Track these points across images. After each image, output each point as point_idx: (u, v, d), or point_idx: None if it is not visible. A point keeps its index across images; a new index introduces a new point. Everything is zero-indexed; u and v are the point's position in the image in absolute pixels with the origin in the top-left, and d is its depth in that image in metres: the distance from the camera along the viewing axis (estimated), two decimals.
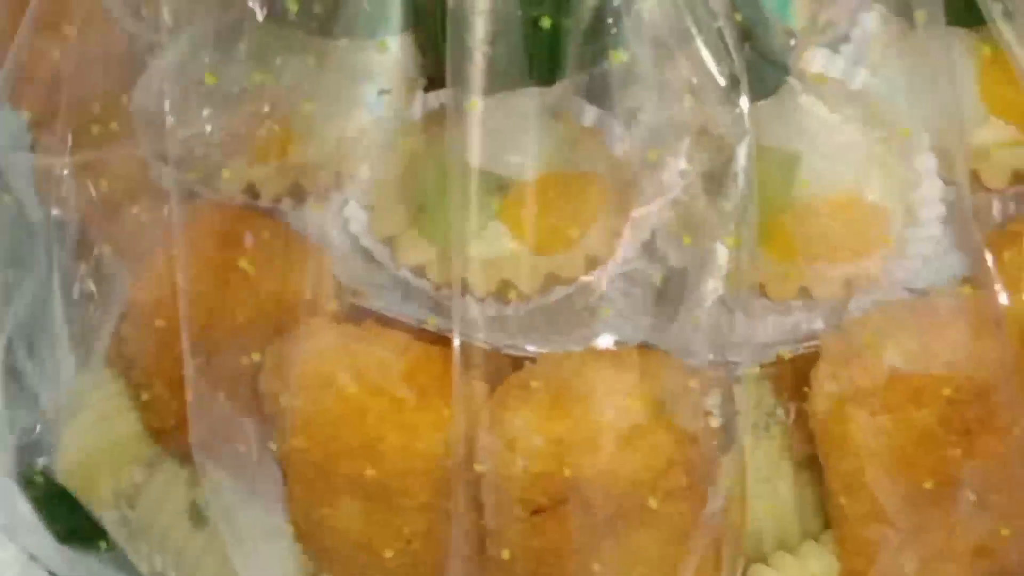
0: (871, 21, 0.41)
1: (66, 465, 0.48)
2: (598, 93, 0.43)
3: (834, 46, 0.42)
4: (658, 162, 0.42)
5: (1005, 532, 0.43)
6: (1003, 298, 0.41)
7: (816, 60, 0.41)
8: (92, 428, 0.49)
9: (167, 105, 0.44)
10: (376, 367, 0.43)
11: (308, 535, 0.45)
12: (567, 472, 0.41)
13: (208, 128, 0.45)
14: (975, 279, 0.41)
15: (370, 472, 0.43)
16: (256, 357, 0.43)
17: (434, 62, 0.42)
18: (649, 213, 0.43)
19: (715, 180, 0.41)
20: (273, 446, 0.44)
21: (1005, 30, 0.40)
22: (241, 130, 0.44)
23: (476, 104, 0.42)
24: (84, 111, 0.45)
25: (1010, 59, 0.41)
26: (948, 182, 0.42)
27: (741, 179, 0.40)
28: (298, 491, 0.44)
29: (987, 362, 0.40)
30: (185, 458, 0.49)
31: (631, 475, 0.41)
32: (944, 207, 0.42)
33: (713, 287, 0.41)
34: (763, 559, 0.46)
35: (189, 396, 0.43)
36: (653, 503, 0.42)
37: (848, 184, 0.42)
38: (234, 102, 0.44)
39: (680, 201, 0.42)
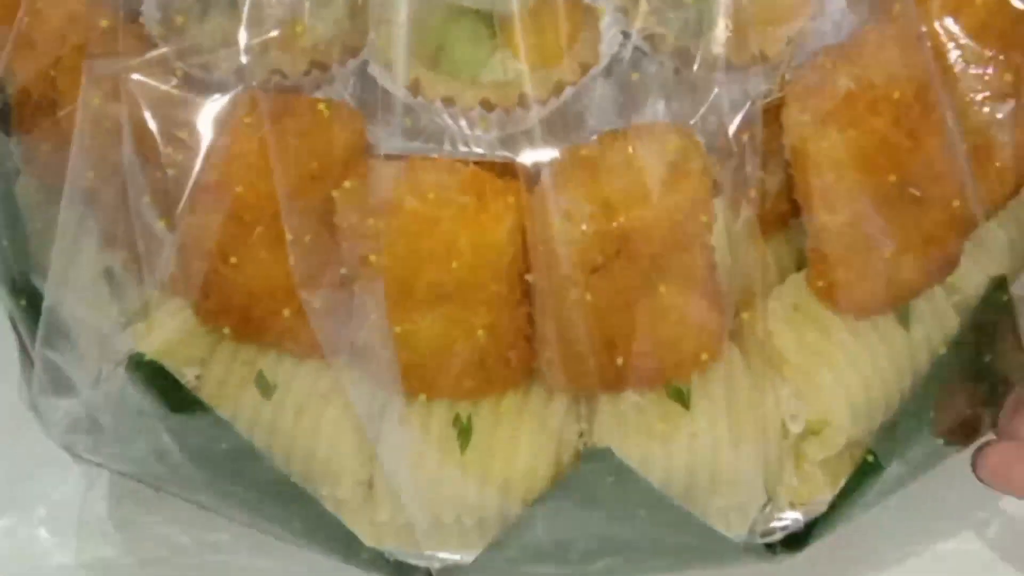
0: None
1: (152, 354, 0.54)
2: None
3: None
4: None
5: (943, 218, 0.54)
6: (914, 25, 0.52)
7: None
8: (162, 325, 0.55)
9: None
10: (437, 185, 0.51)
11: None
12: (615, 225, 0.50)
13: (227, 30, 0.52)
14: (884, 18, 0.53)
15: (450, 272, 0.50)
16: (335, 194, 0.50)
17: None
18: (619, 21, 0.52)
19: None
20: (352, 272, 0.50)
21: None
22: (264, 21, 0.51)
23: None
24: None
25: None
26: None
27: None
28: (386, 307, 0.51)
29: (919, 68, 0.51)
30: (244, 337, 0.55)
31: (669, 218, 0.50)
32: None
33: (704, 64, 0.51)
34: (745, 308, 0.56)
35: (289, 237, 0.49)
36: (681, 253, 0.51)
37: None
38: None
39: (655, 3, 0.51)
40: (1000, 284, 0.55)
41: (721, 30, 0.49)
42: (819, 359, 0.56)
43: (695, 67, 0.51)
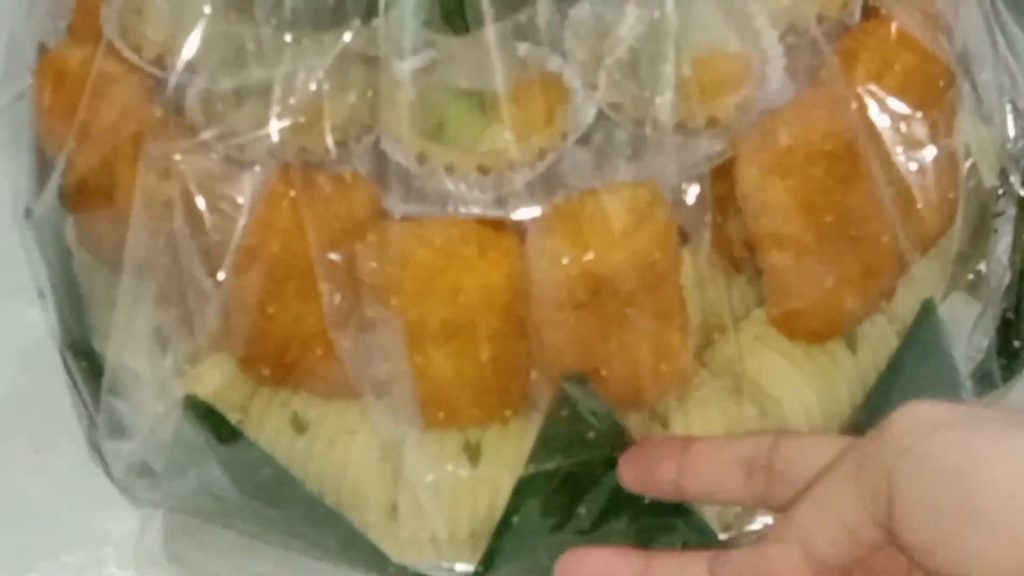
0: None
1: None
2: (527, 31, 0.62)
3: None
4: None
5: (877, 253, 0.63)
6: (841, 88, 0.61)
7: None
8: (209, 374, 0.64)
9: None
10: (443, 238, 0.60)
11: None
12: (594, 268, 0.59)
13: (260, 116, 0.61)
14: (817, 83, 0.62)
15: (457, 311, 0.59)
16: (358, 248, 0.59)
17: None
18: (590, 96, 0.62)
19: (645, 49, 0.60)
20: (375, 314, 0.59)
21: None
22: (291, 108, 0.60)
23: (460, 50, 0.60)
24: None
25: None
26: (780, 34, 0.63)
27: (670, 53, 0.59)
28: (404, 344, 0.60)
29: (847, 125, 0.61)
30: (280, 382, 0.64)
31: (638, 258, 0.59)
32: (781, 48, 0.63)
33: (654, 128, 0.60)
34: (713, 338, 0.65)
35: (322, 287, 0.58)
36: (651, 290, 0.60)
37: (720, 42, 0.62)
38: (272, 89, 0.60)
39: (614, 75, 0.61)
40: (928, 307, 0.64)
41: (668, 101, 0.58)
42: (779, 381, 0.65)
43: (652, 131, 0.60)
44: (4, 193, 0.72)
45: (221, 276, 0.60)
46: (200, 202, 0.60)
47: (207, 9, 0.60)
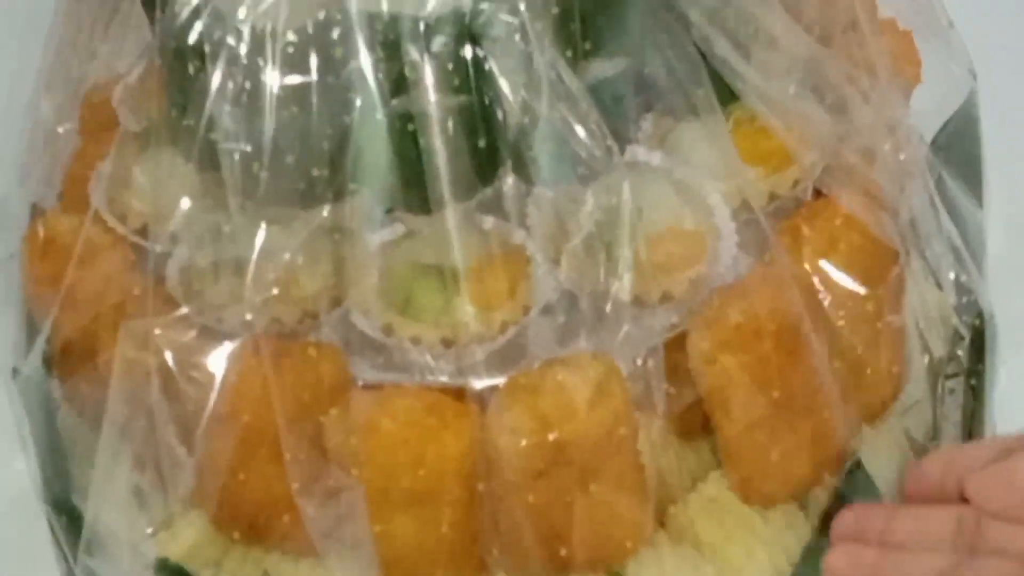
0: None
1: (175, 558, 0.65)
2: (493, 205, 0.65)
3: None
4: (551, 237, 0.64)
5: (827, 419, 0.65)
6: (787, 268, 0.64)
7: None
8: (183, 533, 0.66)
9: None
10: (407, 409, 0.62)
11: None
12: (552, 438, 0.61)
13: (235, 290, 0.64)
14: (766, 261, 0.65)
15: (419, 480, 0.62)
16: (324, 420, 0.62)
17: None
18: (551, 271, 0.65)
19: (603, 232, 0.63)
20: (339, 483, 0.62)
21: (754, 101, 0.64)
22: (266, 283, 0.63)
23: (425, 227, 0.63)
24: None
25: (754, 121, 0.65)
26: (734, 210, 0.66)
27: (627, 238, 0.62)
28: (367, 511, 0.62)
29: (792, 305, 0.63)
30: (251, 543, 0.66)
31: (595, 430, 0.62)
32: (734, 224, 0.66)
33: (612, 304, 0.63)
34: (671, 501, 0.67)
35: (287, 456, 0.61)
36: (609, 459, 0.63)
37: (675, 220, 0.65)
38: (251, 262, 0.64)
39: (575, 256, 0.64)
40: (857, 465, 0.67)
41: (626, 282, 0.62)
42: (734, 542, 0.67)
43: (609, 307, 0.63)
44: None
45: (195, 443, 0.63)
46: (176, 373, 0.63)
47: (185, 199, 0.63)
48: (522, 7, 0.58)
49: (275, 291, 0.63)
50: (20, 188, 0.75)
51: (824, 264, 0.65)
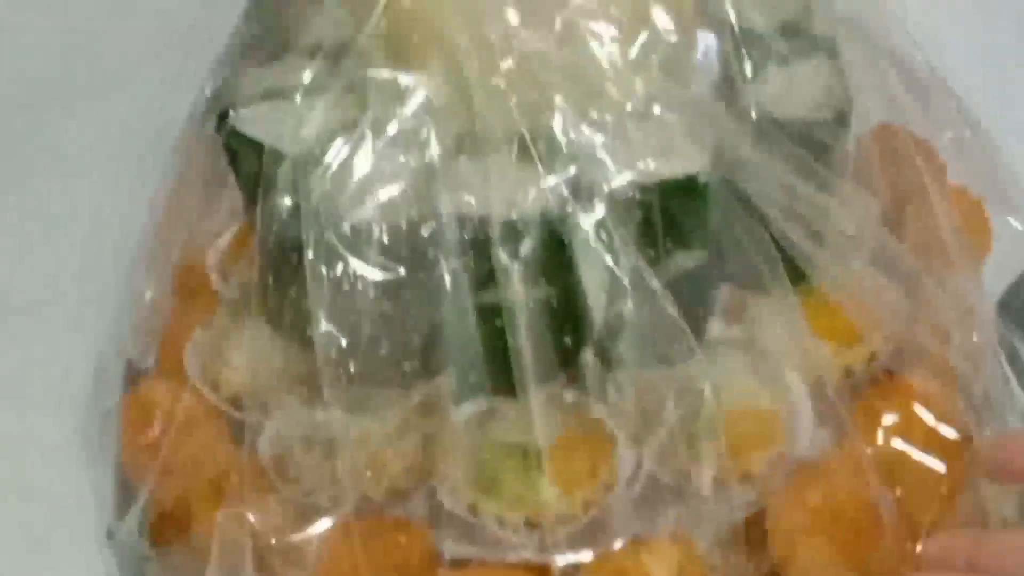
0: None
1: None
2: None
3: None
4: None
5: None
6: (863, 448, 0.66)
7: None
8: None
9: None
10: None
11: None
12: None
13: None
14: (841, 441, 0.67)
15: None
16: None
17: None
18: (634, 452, 0.67)
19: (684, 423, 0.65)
20: None
21: (826, 282, 0.66)
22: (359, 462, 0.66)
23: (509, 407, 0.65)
24: None
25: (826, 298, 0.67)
26: (810, 387, 0.68)
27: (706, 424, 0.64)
28: None
29: (869, 486, 0.65)
30: None
31: None
32: (810, 402, 0.68)
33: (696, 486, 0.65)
34: None
35: None
36: None
37: (752, 400, 0.67)
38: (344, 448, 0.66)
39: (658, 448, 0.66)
40: None
41: (708, 468, 0.63)
42: None
43: (692, 486, 0.65)
44: (87, 502, 0.77)
45: None
46: (270, 552, 0.65)
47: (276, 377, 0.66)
48: (606, 212, 0.60)
49: (368, 472, 0.65)
50: (116, 346, 0.78)
51: (899, 443, 0.67)
